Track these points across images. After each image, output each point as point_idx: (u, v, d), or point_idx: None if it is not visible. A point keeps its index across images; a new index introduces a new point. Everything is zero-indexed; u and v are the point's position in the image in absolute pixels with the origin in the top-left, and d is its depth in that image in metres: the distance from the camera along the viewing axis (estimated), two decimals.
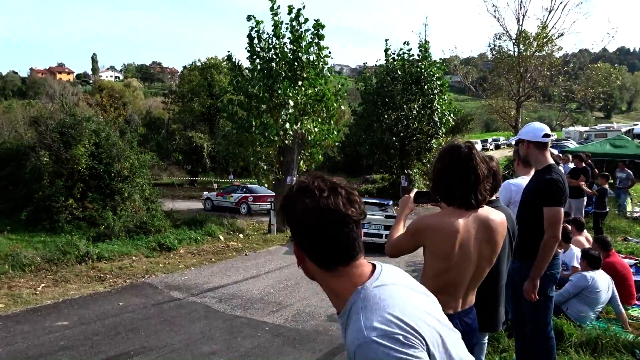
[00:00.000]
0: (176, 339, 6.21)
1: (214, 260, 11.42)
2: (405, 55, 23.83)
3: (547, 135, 3.70)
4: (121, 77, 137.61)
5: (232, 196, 21.88)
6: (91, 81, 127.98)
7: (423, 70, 22.99)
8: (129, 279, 9.38)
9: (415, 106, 23.00)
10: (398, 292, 1.35)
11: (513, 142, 4.36)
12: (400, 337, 1.22)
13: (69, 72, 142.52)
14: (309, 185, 1.38)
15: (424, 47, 23.93)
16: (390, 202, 15.24)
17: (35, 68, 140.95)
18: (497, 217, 2.40)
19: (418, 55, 23.82)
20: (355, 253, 1.38)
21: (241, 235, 14.72)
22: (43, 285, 8.67)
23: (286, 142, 15.18)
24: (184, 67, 55.01)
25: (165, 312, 7.38)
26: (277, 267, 10.70)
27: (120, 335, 6.33)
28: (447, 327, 1.38)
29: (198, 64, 48.62)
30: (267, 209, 19.45)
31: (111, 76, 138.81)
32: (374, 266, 1.42)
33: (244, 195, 21.69)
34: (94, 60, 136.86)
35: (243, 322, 6.93)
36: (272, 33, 15.14)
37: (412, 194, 2.71)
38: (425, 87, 23.00)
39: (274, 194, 16.87)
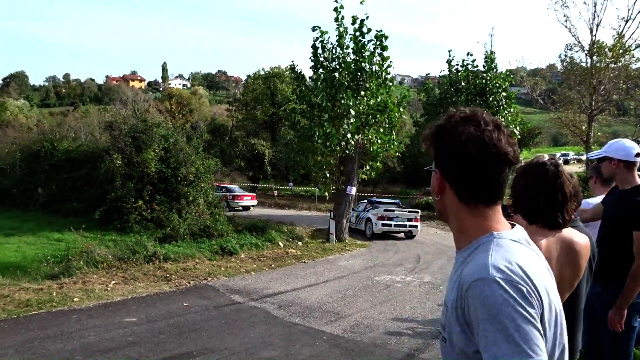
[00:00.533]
0: (236, 343, 6.32)
1: (273, 266, 11.57)
2: (469, 66, 23.37)
3: (639, 155, 3.49)
4: (188, 85, 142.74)
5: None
6: (161, 89, 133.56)
7: (488, 82, 22.45)
8: (193, 281, 9.66)
9: None
10: (532, 255, 1.28)
11: (594, 159, 4.13)
12: (524, 290, 1.13)
13: (141, 80, 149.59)
14: (476, 115, 1.32)
15: (489, 58, 23.38)
16: (400, 202, 19.46)
17: (111, 76, 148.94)
18: (581, 239, 2.29)
19: (483, 66, 23.30)
20: (499, 196, 1.32)
21: (300, 243, 14.85)
22: (114, 282, 9.10)
23: (347, 151, 15.22)
24: (248, 76, 56.43)
25: (227, 315, 7.54)
26: (335, 277, 10.70)
27: (184, 335, 6.52)
28: (562, 310, 1.30)
29: (262, 73, 49.69)
30: (243, 206, 24.89)
31: (179, 84, 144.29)
32: (512, 225, 1.36)
33: (224, 194, 23.84)
34: (164, 68, 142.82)
35: (301, 330, 6.96)
36: (336, 43, 15.27)
37: None
38: (490, 98, 22.44)
39: (249, 193, 17.31)
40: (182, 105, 62.65)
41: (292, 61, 16.23)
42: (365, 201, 20.08)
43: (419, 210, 18.66)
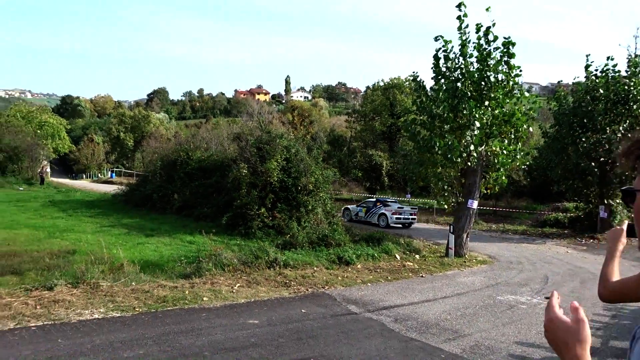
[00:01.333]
0: (352, 353, 6.36)
1: (390, 278, 11.49)
2: (610, 72, 21.38)
3: None
4: (309, 97, 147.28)
5: None
6: (284, 101, 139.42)
7: (632, 88, 20.38)
8: (311, 288, 9.91)
9: (621, 128, 20.46)
10: None
11: None
12: None
13: (266, 93, 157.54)
14: None
15: (633, 62, 21.22)
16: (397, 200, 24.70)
17: (239, 89, 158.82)
18: None
19: (626, 71, 21.20)
20: None
21: (417, 256, 14.59)
22: (238, 284, 9.64)
23: (469, 163, 14.69)
24: (367, 87, 56.92)
25: (343, 325, 7.63)
26: (454, 293, 10.35)
27: (302, 341, 6.71)
28: None
29: (381, 84, 49.89)
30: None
31: (301, 96, 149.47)
32: None
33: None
34: (287, 82, 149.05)
35: (418, 346, 6.82)
36: (459, 52, 14.86)
37: (624, 227, 2.35)
38: (635, 106, 20.35)
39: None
40: (303, 116, 64.89)
41: (414, 71, 16.01)
42: (374, 199, 25.34)
43: (417, 207, 25.33)
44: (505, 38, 14.51)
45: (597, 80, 21.59)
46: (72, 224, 19.09)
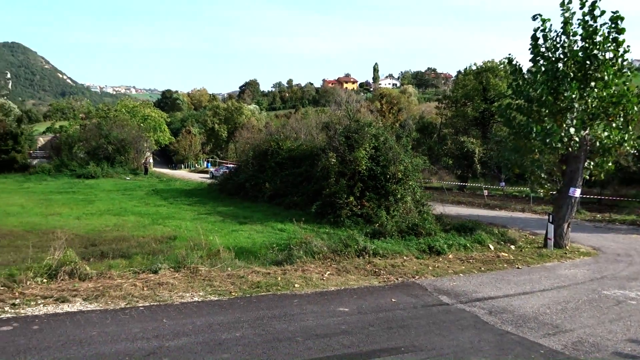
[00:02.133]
0: (444, 344, 6.25)
1: (483, 269, 11.12)
2: None
3: None
4: (398, 84, 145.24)
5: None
6: (372, 89, 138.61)
7: None
8: (401, 278, 9.84)
9: None
10: None
11: None
12: None
13: (354, 82, 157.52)
14: None
15: None
16: None
17: (327, 79, 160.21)
18: None
19: None
20: None
21: (512, 247, 13.97)
22: (328, 272, 9.79)
23: (570, 149, 13.77)
24: (459, 72, 55.06)
25: (434, 315, 7.50)
26: (553, 286, 9.80)
27: (392, 330, 6.69)
28: None
29: (473, 68, 47.99)
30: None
31: (389, 84, 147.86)
32: None
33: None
34: (375, 69, 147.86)
35: (514, 340, 6.56)
36: (561, 31, 13.88)
37: None
38: None
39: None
40: (392, 104, 64.10)
41: (510, 54, 15.18)
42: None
43: None
44: (613, 12, 13.35)
45: None
46: (172, 211, 20.37)
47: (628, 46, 13.57)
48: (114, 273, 8.72)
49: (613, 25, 13.36)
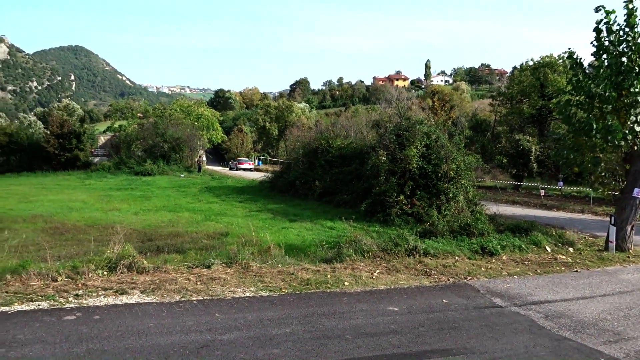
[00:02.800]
0: (497, 347, 6.10)
1: (539, 271, 10.75)
2: None
3: None
4: (450, 81, 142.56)
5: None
6: (423, 86, 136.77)
7: None
8: (452, 278, 9.66)
9: None
10: None
11: None
12: None
13: (405, 79, 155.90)
14: None
15: None
16: None
17: (377, 76, 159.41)
18: None
19: None
20: None
21: (571, 249, 13.43)
22: (378, 271, 9.74)
23: (636, 147, 13.10)
24: (514, 68, 53.52)
25: (487, 318, 7.33)
26: (615, 291, 9.36)
27: (443, 332, 6.58)
28: None
29: (530, 63, 46.46)
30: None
31: (441, 80, 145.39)
32: None
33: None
34: (427, 66, 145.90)
35: (572, 346, 6.31)
36: (624, 23, 13.21)
37: None
38: None
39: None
40: (444, 101, 63.06)
41: (569, 48, 14.56)
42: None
43: None
44: None
45: None
46: (224, 208, 20.84)
47: None
48: (169, 267, 9.01)
49: None
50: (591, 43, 13.66)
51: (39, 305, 6.98)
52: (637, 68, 12.83)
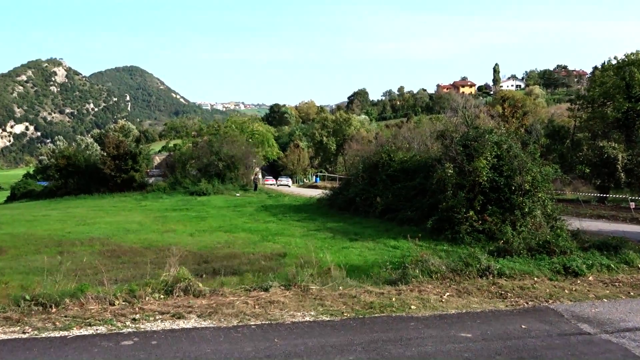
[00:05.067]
0: None
1: (632, 294, 10.11)
2: None
3: None
4: (522, 86, 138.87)
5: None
6: (492, 92, 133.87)
7: None
8: (531, 301, 9.27)
9: None
10: None
11: None
12: None
13: (471, 85, 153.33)
14: None
15: None
16: None
17: (441, 84, 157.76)
18: None
19: None
20: None
21: None
22: (447, 293, 9.50)
23: None
24: (595, 68, 51.50)
25: (573, 346, 6.96)
26: None
27: None
28: None
29: (613, 62, 44.47)
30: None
31: (512, 85, 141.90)
32: None
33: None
34: (495, 70, 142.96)
35: None
36: None
37: None
38: None
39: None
40: (516, 107, 61.37)
41: None
42: None
43: None
44: None
45: None
46: (282, 227, 21.10)
47: None
48: (226, 290, 9.18)
49: None
50: None
51: (97, 329, 7.27)
52: None
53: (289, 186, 61.40)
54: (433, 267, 10.62)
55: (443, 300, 9.10)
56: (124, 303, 8.36)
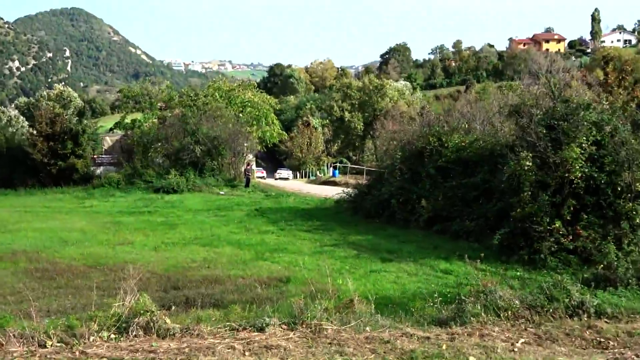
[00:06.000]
0: None
1: None
2: None
3: None
4: (633, 41, 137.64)
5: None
6: (589, 50, 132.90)
7: None
8: None
9: None
10: None
11: None
12: None
13: (559, 40, 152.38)
14: None
15: None
16: None
17: (516, 38, 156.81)
18: None
19: None
20: None
21: None
22: (522, 340, 9.44)
23: None
24: None
25: None
26: None
27: None
28: None
29: None
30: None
31: (618, 40, 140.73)
32: None
33: None
34: (594, 19, 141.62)
35: None
36: None
37: None
38: None
39: None
40: (624, 72, 60.70)
41: None
42: None
43: None
44: None
45: None
46: (284, 241, 21.11)
47: None
48: (203, 329, 9.18)
49: None
50: None
51: None
52: None
53: (289, 179, 62.98)
54: (502, 301, 10.58)
55: (516, 349, 9.06)
56: (59, 345, 8.38)
